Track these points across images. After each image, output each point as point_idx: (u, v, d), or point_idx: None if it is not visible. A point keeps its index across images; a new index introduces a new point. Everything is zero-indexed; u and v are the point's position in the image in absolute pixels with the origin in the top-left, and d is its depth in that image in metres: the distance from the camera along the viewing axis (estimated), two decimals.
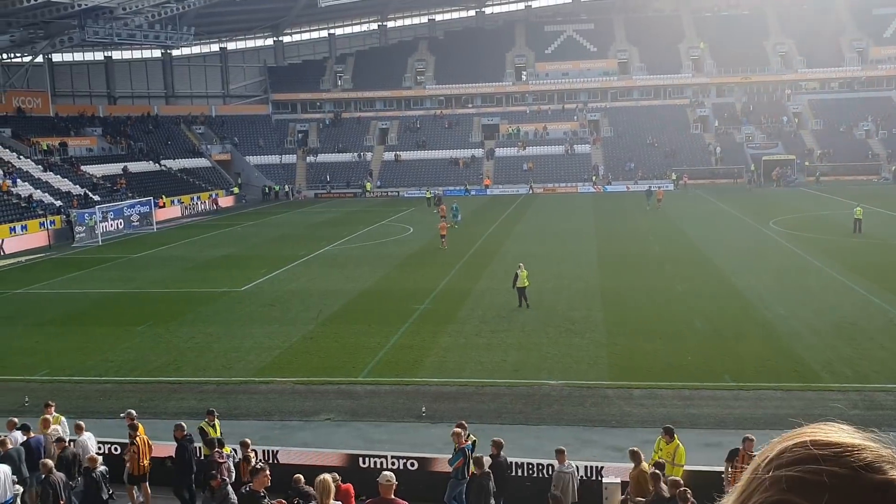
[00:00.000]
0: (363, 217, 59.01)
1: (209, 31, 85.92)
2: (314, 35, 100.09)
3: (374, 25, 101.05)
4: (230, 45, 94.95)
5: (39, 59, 73.10)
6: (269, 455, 14.38)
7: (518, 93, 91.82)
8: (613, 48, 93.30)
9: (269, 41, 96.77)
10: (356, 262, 38.07)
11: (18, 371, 22.12)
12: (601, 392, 18.90)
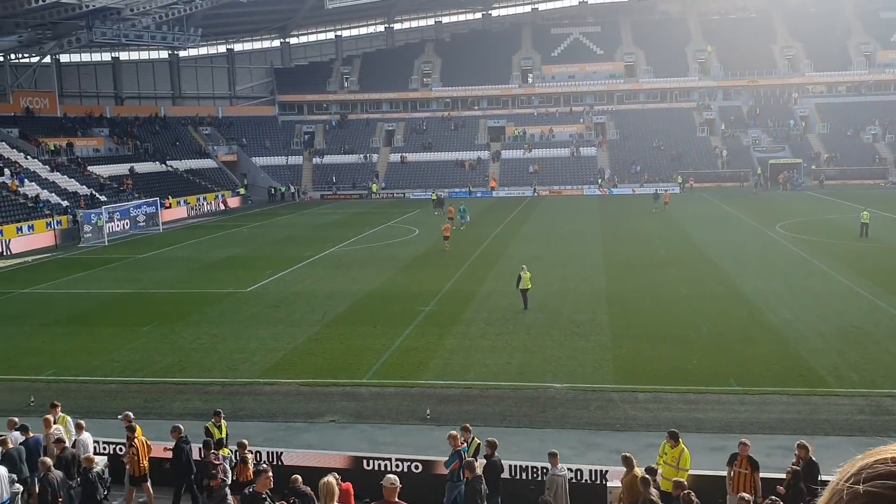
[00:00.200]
0: (369, 218, 59.03)
1: (216, 33, 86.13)
2: (321, 37, 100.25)
3: (381, 27, 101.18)
4: (237, 47, 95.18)
5: (47, 60, 73.42)
6: (274, 456, 14.37)
7: (524, 95, 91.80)
8: (620, 51, 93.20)
9: (276, 42, 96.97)
10: (362, 264, 38.07)
11: (24, 371, 22.18)
12: (606, 395, 18.86)
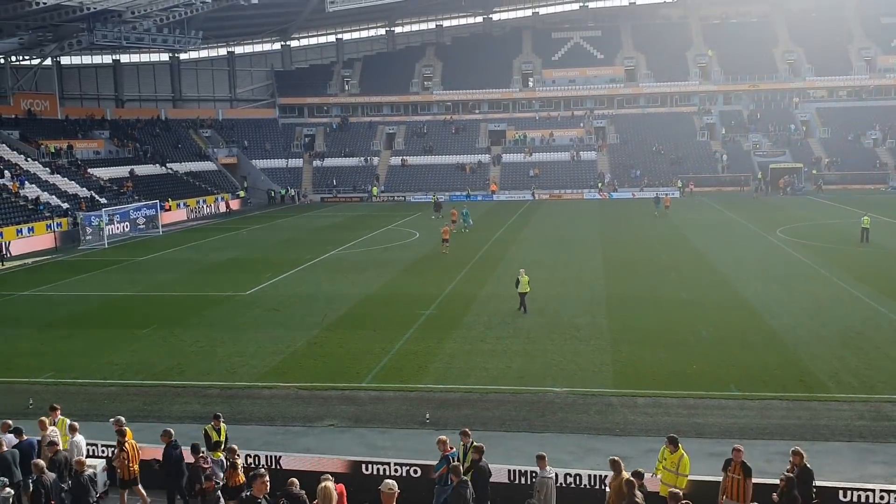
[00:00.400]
0: (369, 221, 59.03)
1: (217, 36, 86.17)
2: (322, 40, 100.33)
3: (382, 31, 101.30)
4: (238, 50, 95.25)
5: (48, 62, 73.41)
6: (272, 461, 14.33)
7: (525, 99, 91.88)
8: (620, 55, 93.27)
9: (277, 45, 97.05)
10: (361, 267, 38.05)
11: (24, 373, 22.14)
12: (605, 400, 18.82)
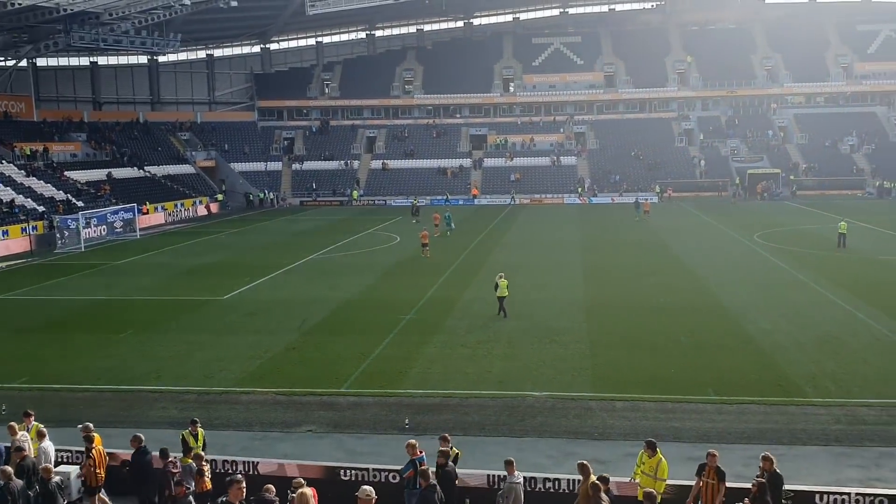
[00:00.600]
0: (349, 225, 58.86)
1: (196, 38, 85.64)
2: (301, 43, 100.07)
3: (362, 34, 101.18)
4: (217, 52, 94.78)
5: (24, 64, 72.66)
6: (250, 466, 14.21)
7: (506, 104, 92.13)
8: (600, 61, 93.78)
9: (256, 48, 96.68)
10: (341, 272, 37.90)
11: None
12: (584, 404, 18.85)
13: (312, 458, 15.32)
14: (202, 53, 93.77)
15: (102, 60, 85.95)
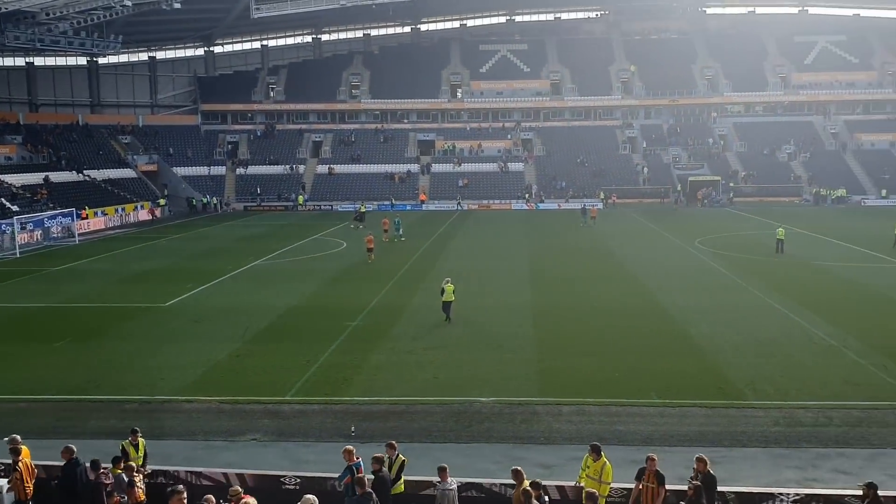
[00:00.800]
0: (294, 231, 58.30)
1: (138, 40, 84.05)
2: (246, 46, 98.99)
3: (308, 38, 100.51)
4: (159, 55, 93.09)
5: None
6: (193, 476, 13.93)
7: (453, 110, 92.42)
8: (546, 69, 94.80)
9: (200, 51, 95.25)
10: (286, 278, 37.51)
11: None
12: (531, 409, 18.96)
13: (257, 467, 15.11)
14: (144, 55, 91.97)
15: (39, 61, 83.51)
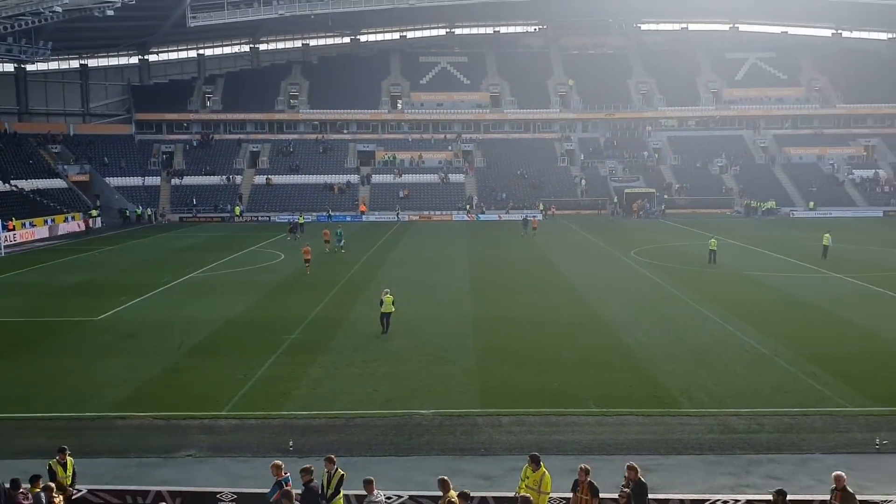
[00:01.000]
0: (231, 242, 57.40)
1: (69, 47, 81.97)
2: (182, 55, 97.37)
3: (246, 47, 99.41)
4: (91, 62, 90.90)
5: None
6: (125, 495, 13.56)
7: (394, 121, 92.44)
8: (486, 82, 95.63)
9: (134, 59, 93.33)
10: (223, 290, 36.87)
11: None
12: (471, 420, 18.98)
13: (191, 484, 14.81)
14: (75, 63, 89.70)
15: None
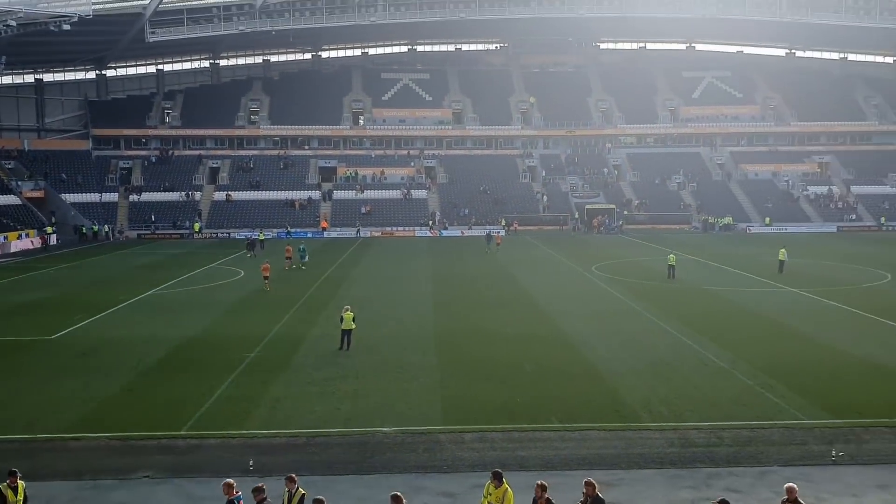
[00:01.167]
0: (190, 260, 56.69)
1: (24, 62, 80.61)
2: (141, 70, 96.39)
3: (206, 63, 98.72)
4: (47, 77, 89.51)
5: None
6: None
7: (356, 137, 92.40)
8: (448, 99, 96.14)
9: (92, 74, 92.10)
10: (181, 308, 36.35)
11: None
12: (434, 437, 18.88)
13: None
14: (30, 77, 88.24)
15: None
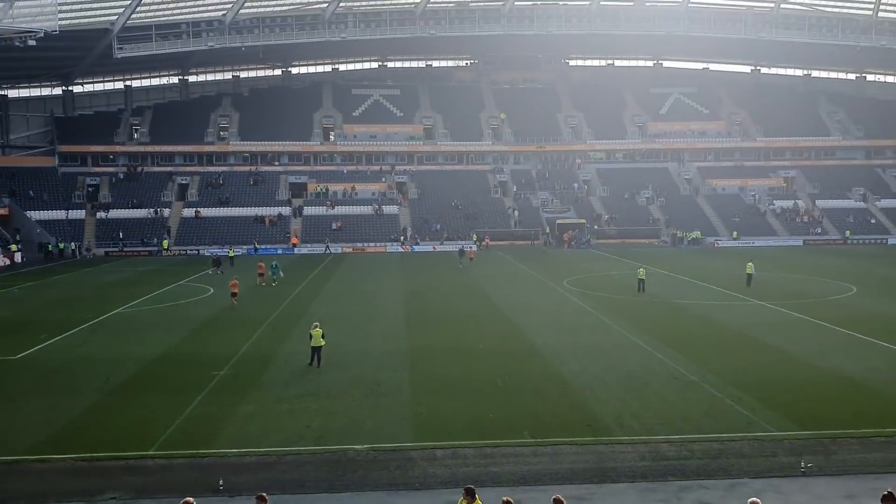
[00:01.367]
0: (159, 277, 56.03)
1: None
2: (108, 86, 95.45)
3: (175, 79, 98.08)
4: (11, 93, 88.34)
5: None
6: None
7: (326, 152, 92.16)
8: (419, 114, 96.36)
9: (58, 90, 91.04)
10: (150, 326, 35.87)
11: None
12: (406, 454, 18.76)
13: None
14: None
15: None
